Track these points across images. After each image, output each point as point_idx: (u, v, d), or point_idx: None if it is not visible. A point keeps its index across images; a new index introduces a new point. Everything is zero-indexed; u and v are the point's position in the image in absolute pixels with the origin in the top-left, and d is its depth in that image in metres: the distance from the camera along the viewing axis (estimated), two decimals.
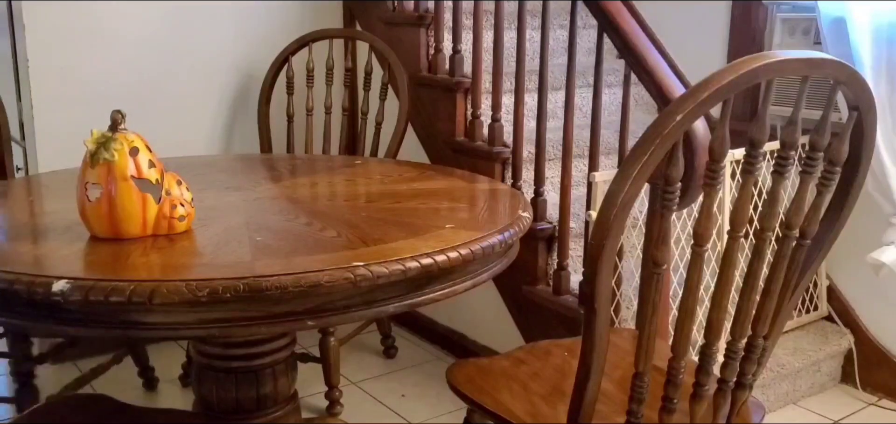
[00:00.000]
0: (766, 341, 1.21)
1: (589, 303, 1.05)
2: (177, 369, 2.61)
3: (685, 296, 1.10)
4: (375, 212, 1.48)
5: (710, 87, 0.98)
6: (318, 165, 2.02)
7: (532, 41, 2.88)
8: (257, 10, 2.84)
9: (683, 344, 1.12)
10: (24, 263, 1.17)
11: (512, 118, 2.38)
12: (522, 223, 1.39)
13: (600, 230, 1.01)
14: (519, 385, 1.46)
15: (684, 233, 2.19)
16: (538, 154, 2.31)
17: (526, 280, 2.38)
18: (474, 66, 2.47)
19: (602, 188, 2.07)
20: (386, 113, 2.57)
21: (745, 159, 1.05)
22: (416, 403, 2.46)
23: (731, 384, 1.20)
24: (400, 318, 2.96)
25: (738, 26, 2.75)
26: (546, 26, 2.25)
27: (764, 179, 2.46)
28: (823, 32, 2.34)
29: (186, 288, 1.06)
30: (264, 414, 1.64)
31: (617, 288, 2.15)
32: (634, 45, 1.95)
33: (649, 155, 0.99)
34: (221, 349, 1.60)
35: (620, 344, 1.63)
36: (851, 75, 1.06)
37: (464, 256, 1.22)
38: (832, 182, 1.14)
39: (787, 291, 1.19)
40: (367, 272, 1.12)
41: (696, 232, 1.06)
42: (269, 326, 1.20)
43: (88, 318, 1.13)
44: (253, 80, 2.83)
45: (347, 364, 2.66)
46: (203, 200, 1.57)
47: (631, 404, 1.15)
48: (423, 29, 2.67)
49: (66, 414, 1.45)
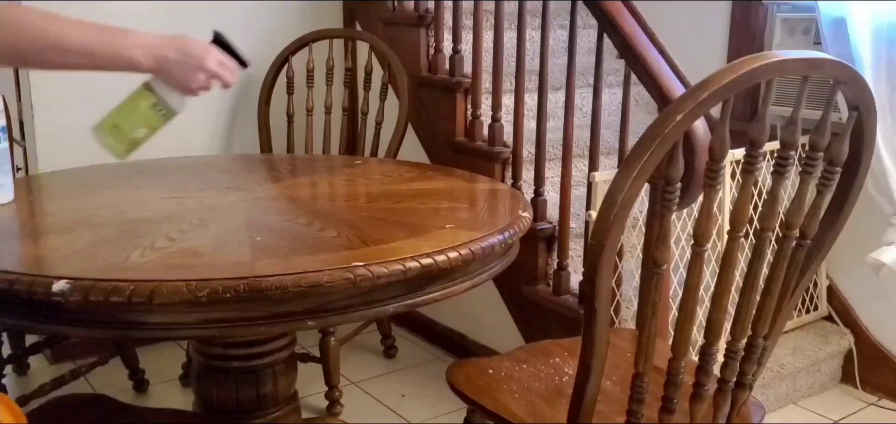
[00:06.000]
0: (766, 341, 1.21)
1: (589, 303, 1.05)
2: (177, 369, 2.61)
3: (685, 296, 1.10)
4: (375, 212, 1.48)
5: (710, 87, 0.98)
6: (318, 165, 2.02)
7: (532, 41, 2.88)
8: (257, 11, 2.84)
9: (683, 344, 1.12)
10: (24, 263, 1.17)
11: (512, 118, 2.38)
12: (522, 223, 1.39)
13: (600, 230, 1.01)
14: (519, 385, 1.46)
15: (684, 233, 2.19)
16: (538, 154, 2.31)
17: (526, 280, 2.38)
18: (474, 66, 2.47)
19: (602, 188, 2.07)
20: (386, 113, 2.57)
21: (745, 159, 1.05)
22: (416, 403, 2.46)
23: (731, 384, 1.20)
24: (400, 318, 2.96)
25: (738, 26, 2.75)
26: (546, 26, 2.25)
27: (764, 179, 2.46)
28: (823, 32, 2.34)
29: (186, 289, 1.06)
30: (264, 414, 1.64)
31: (617, 288, 2.15)
32: (634, 45, 1.95)
33: (649, 155, 0.99)
34: (221, 349, 1.60)
35: (620, 344, 1.63)
36: (851, 75, 1.06)
37: (464, 256, 1.22)
38: (832, 182, 1.14)
39: (787, 291, 1.19)
40: (367, 272, 1.12)
41: (696, 232, 1.06)
42: (269, 326, 1.20)
43: (88, 318, 1.13)
44: (253, 80, 2.83)
45: (347, 364, 2.65)
46: (203, 200, 1.57)
47: (631, 404, 1.15)
48: (423, 29, 2.67)
49: (67, 414, 1.45)
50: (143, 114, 1.43)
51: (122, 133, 1.46)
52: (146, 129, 1.46)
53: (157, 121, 1.44)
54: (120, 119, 1.45)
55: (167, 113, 1.44)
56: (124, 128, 1.45)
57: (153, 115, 1.43)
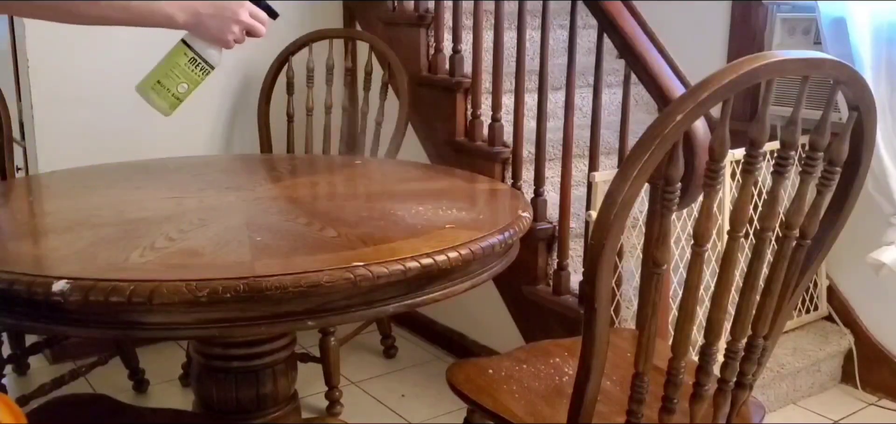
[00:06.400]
0: (766, 341, 1.21)
1: (589, 303, 1.05)
2: (177, 369, 2.61)
3: (685, 296, 1.10)
4: (375, 212, 1.48)
5: (710, 87, 0.98)
6: (318, 165, 2.02)
7: (532, 41, 2.87)
8: None
9: (683, 344, 1.12)
10: (24, 263, 1.17)
11: (512, 118, 2.38)
12: (522, 223, 1.39)
13: (600, 230, 1.01)
14: (519, 385, 1.46)
15: (684, 233, 2.19)
16: (538, 154, 2.31)
17: (526, 280, 2.38)
18: (474, 66, 2.47)
19: (602, 188, 2.07)
20: (386, 113, 2.57)
21: (745, 159, 1.05)
22: (416, 403, 2.46)
23: (731, 384, 1.20)
24: (400, 318, 2.96)
25: (738, 26, 2.75)
26: (546, 26, 2.25)
27: (764, 179, 2.46)
28: (823, 32, 2.34)
29: (186, 289, 1.06)
30: (264, 414, 1.64)
31: (617, 288, 2.15)
32: (634, 45, 1.95)
33: (649, 155, 0.99)
34: (221, 349, 1.60)
35: (620, 344, 1.63)
36: (851, 75, 1.06)
37: (464, 256, 1.22)
38: (832, 182, 1.14)
39: (787, 291, 1.19)
40: (367, 272, 1.12)
41: (696, 232, 1.06)
42: (269, 326, 1.20)
43: (88, 318, 1.13)
44: (253, 80, 2.83)
45: (347, 364, 2.65)
46: (203, 200, 1.57)
47: (631, 404, 1.15)
48: (423, 29, 2.67)
49: (67, 414, 1.45)
50: (183, 70, 1.48)
51: (165, 89, 1.51)
52: (187, 84, 1.51)
53: (198, 76, 1.50)
54: (162, 75, 1.50)
55: (205, 67, 1.49)
56: (167, 84, 1.50)
57: (193, 70, 1.48)
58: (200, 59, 1.48)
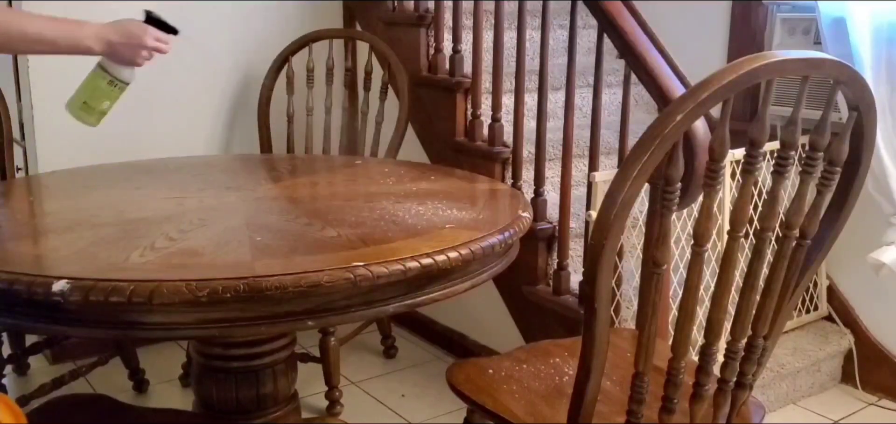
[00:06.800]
0: (766, 341, 1.21)
1: (589, 303, 1.05)
2: (177, 369, 2.61)
3: (685, 296, 1.10)
4: (375, 212, 1.48)
5: (710, 87, 0.98)
6: (318, 165, 2.02)
7: (532, 41, 2.87)
8: (257, 11, 2.84)
9: (683, 344, 1.12)
10: (24, 263, 1.17)
11: (512, 118, 2.38)
12: (522, 223, 1.39)
13: (600, 230, 1.01)
14: (519, 385, 1.46)
15: (684, 233, 2.19)
16: (538, 154, 2.31)
17: (526, 280, 2.38)
18: (474, 66, 2.47)
19: (602, 188, 2.07)
20: (386, 113, 2.57)
21: (745, 159, 1.05)
22: (416, 403, 2.46)
23: (731, 384, 1.20)
24: (400, 318, 2.96)
25: (738, 26, 2.75)
26: (546, 26, 2.25)
27: (764, 179, 2.46)
28: (823, 32, 2.34)
29: (186, 289, 1.06)
30: (264, 414, 1.64)
31: (617, 288, 2.15)
32: (634, 45, 1.95)
33: (649, 155, 0.99)
34: (221, 349, 1.60)
35: (620, 344, 1.63)
36: (851, 75, 1.06)
37: (463, 256, 1.22)
38: (832, 182, 1.14)
39: (787, 291, 1.19)
40: (367, 272, 1.12)
41: (696, 232, 1.06)
42: (269, 326, 1.20)
43: (88, 318, 1.13)
44: (253, 80, 2.83)
45: (347, 364, 2.65)
46: (203, 200, 1.57)
47: (631, 404, 1.15)
48: (423, 29, 2.67)
49: (66, 414, 1.45)
50: (104, 90, 1.73)
51: (91, 108, 1.75)
52: (109, 101, 1.75)
53: (116, 93, 1.74)
54: (87, 97, 1.74)
55: (122, 85, 1.73)
56: (92, 104, 1.74)
57: (112, 89, 1.73)
58: (117, 80, 1.72)
